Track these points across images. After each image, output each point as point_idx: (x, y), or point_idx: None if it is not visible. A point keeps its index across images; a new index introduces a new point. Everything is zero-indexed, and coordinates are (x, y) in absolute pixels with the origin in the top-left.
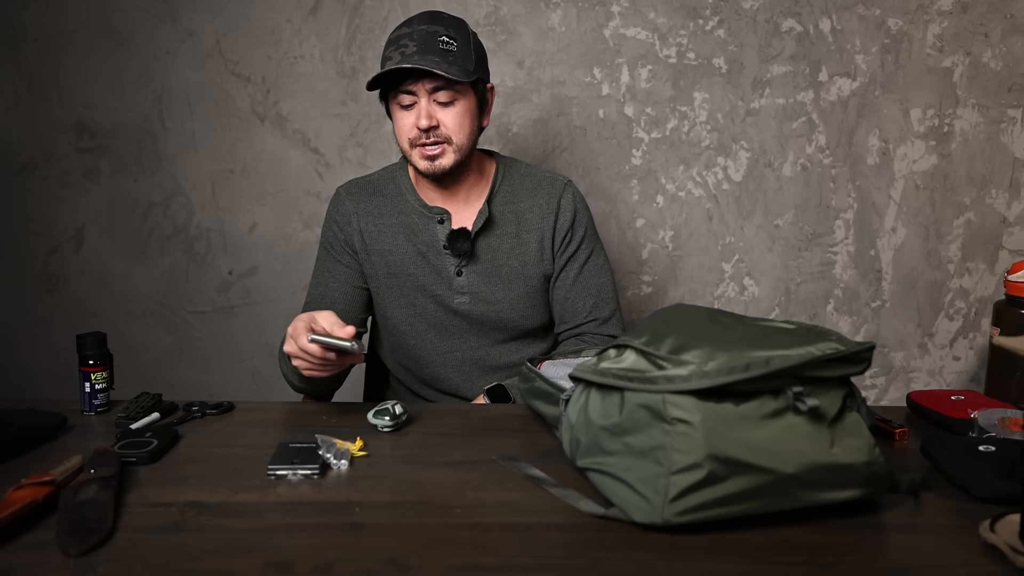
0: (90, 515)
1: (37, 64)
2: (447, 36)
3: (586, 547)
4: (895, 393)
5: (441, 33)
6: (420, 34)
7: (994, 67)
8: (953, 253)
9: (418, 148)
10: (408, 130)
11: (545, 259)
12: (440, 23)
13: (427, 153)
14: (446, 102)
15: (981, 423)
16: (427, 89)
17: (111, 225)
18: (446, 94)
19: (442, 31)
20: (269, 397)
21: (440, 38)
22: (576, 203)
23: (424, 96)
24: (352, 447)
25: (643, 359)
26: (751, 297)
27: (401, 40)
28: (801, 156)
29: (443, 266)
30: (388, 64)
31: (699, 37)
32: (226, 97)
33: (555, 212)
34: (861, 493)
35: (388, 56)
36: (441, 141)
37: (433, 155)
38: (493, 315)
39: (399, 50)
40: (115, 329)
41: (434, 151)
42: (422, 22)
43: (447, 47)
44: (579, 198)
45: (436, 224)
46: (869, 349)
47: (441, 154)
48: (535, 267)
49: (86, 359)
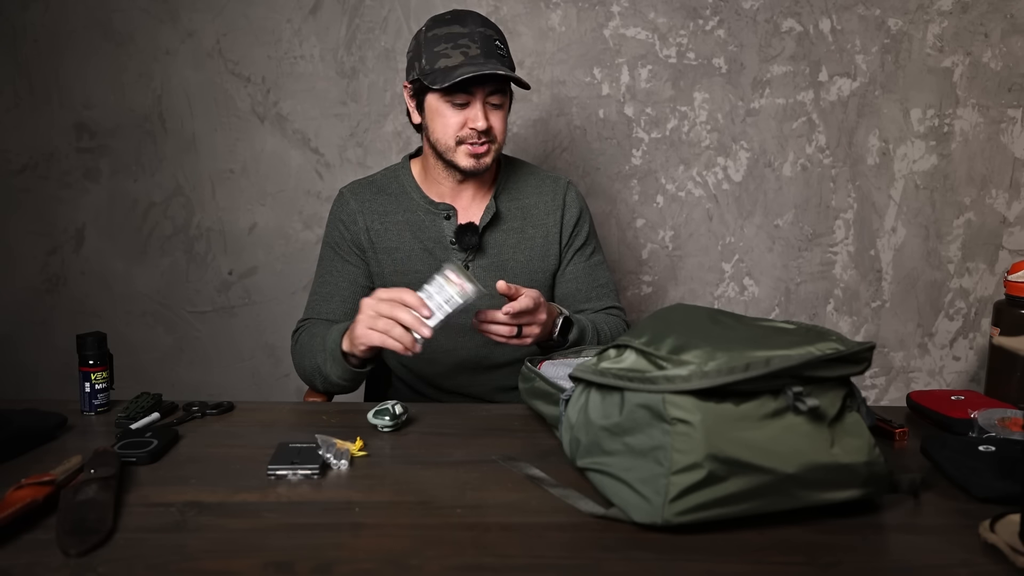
0: (90, 515)
1: (37, 64)
2: (499, 41)
3: (586, 547)
4: (895, 393)
5: (495, 37)
6: (480, 36)
7: (994, 67)
8: (953, 253)
9: (466, 146)
10: (458, 128)
11: (549, 254)
12: (490, 27)
13: (475, 151)
14: (497, 105)
15: (981, 423)
16: (485, 92)
17: (111, 225)
18: (499, 98)
19: (495, 36)
20: (269, 397)
21: (495, 42)
22: (580, 201)
23: (481, 98)
24: (352, 447)
25: (643, 359)
26: (751, 297)
27: (459, 39)
28: (801, 156)
29: (450, 261)
30: (446, 61)
31: (699, 37)
32: (226, 97)
33: (561, 208)
34: (861, 493)
35: (445, 53)
36: (488, 141)
37: (480, 154)
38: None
39: (459, 49)
40: (115, 329)
41: (482, 150)
42: (476, 24)
43: (502, 52)
44: (581, 197)
45: (443, 220)
46: (869, 349)
47: (486, 153)
48: (540, 262)
49: (86, 359)
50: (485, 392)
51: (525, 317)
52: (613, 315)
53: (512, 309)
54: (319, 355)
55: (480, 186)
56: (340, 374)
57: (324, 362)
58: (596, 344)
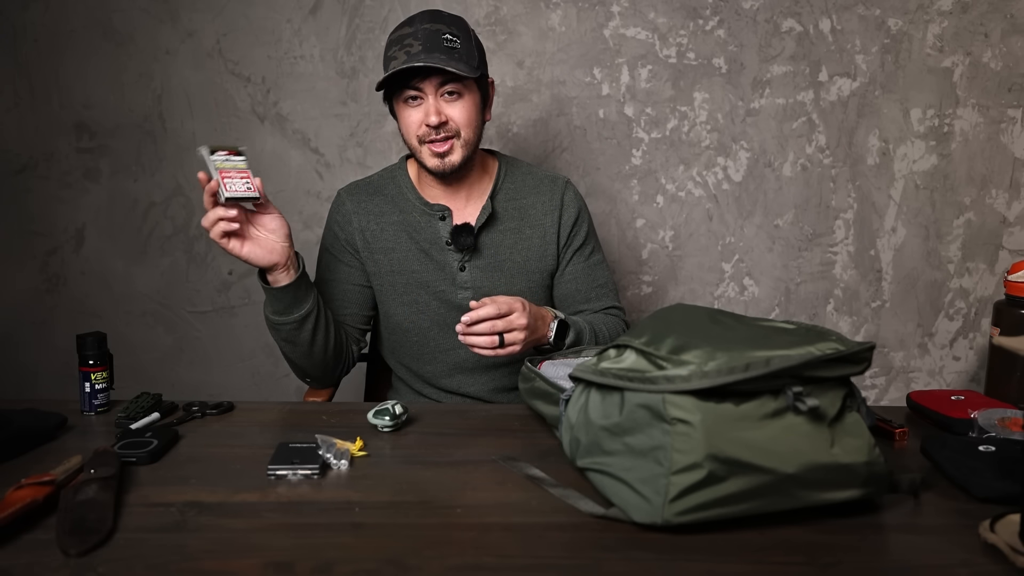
0: (90, 515)
1: (37, 64)
2: (450, 34)
3: (586, 547)
4: (895, 393)
5: (444, 31)
6: (424, 32)
7: (994, 67)
8: (953, 253)
9: (427, 145)
10: (416, 127)
11: (547, 255)
12: (442, 21)
13: (436, 150)
14: (453, 97)
15: (981, 423)
16: (435, 86)
17: (111, 225)
18: (453, 89)
19: (445, 29)
20: (269, 397)
21: (444, 36)
22: (578, 200)
23: (432, 93)
24: (352, 447)
25: (643, 359)
26: (751, 297)
27: (405, 39)
28: (801, 156)
29: (446, 262)
30: (394, 64)
31: (699, 37)
32: (226, 97)
33: (559, 208)
34: (861, 493)
35: (392, 56)
36: (450, 136)
37: (443, 152)
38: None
39: (403, 49)
40: (115, 329)
41: (443, 147)
42: (424, 21)
43: (451, 44)
44: (580, 196)
45: (438, 221)
46: (869, 349)
47: (450, 150)
48: (537, 262)
49: (86, 359)
50: (485, 392)
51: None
52: (612, 315)
53: (467, 318)
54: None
55: (475, 187)
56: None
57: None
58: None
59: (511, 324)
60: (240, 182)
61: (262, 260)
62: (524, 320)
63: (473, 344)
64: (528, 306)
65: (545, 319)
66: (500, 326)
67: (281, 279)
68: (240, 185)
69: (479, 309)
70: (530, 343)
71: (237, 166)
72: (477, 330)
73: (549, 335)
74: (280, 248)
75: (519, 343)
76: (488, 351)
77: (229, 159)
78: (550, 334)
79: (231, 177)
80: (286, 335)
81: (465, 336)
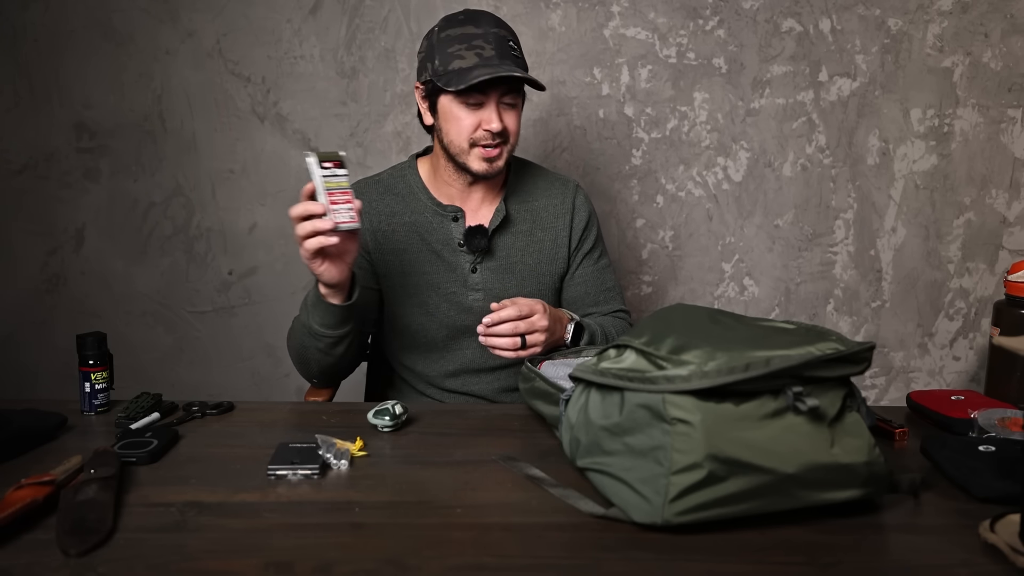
0: (90, 515)
1: (37, 64)
2: (512, 42)
3: (586, 547)
4: (895, 393)
5: (509, 38)
6: (494, 37)
7: (994, 67)
8: (953, 253)
9: (479, 148)
10: (472, 130)
11: (558, 258)
12: (503, 27)
13: (488, 155)
14: (511, 105)
15: (981, 423)
16: (499, 93)
17: (111, 225)
18: (513, 100)
19: (508, 36)
20: (269, 397)
21: (509, 43)
22: (588, 204)
23: (494, 100)
24: (352, 447)
25: (643, 359)
26: (751, 297)
27: (473, 40)
28: (801, 156)
29: (458, 263)
30: (460, 63)
31: (699, 37)
32: (226, 97)
33: (570, 212)
34: (861, 493)
35: (459, 55)
36: (502, 144)
37: (492, 157)
38: None
39: (474, 51)
40: (115, 329)
41: (494, 153)
42: (490, 24)
43: (515, 53)
44: (589, 200)
45: (450, 222)
46: (869, 349)
47: (499, 156)
48: (547, 265)
49: (86, 359)
50: (490, 392)
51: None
52: (620, 318)
53: (489, 319)
54: (303, 314)
55: (490, 188)
56: (321, 318)
57: (308, 318)
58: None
59: (533, 326)
60: (345, 209)
61: (332, 279)
62: (545, 322)
63: (494, 345)
64: (548, 308)
65: (562, 321)
66: (523, 327)
67: (331, 297)
68: (346, 214)
69: (501, 311)
70: (549, 344)
71: (341, 184)
72: (498, 331)
73: (566, 337)
74: (345, 270)
75: (540, 344)
76: (509, 352)
77: (335, 174)
78: (567, 336)
79: (338, 202)
80: (324, 346)
81: (486, 338)
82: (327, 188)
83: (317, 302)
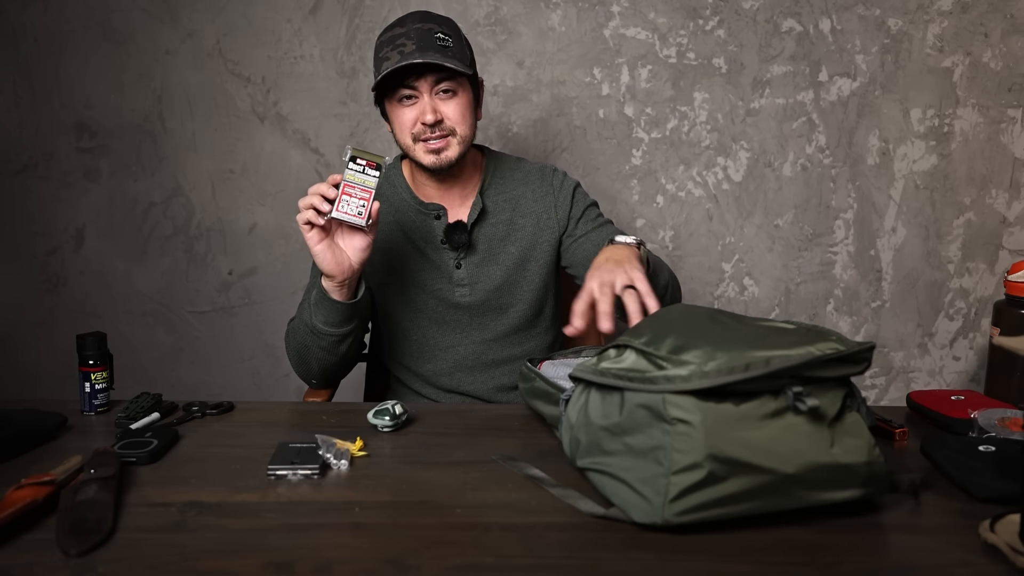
0: (90, 515)
1: (37, 64)
2: (442, 33)
3: (586, 547)
4: (895, 393)
5: (436, 30)
6: (416, 32)
7: (994, 67)
8: (953, 253)
9: (422, 143)
10: (411, 125)
11: (542, 240)
12: (433, 20)
13: (432, 147)
14: (448, 95)
15: (981, 423)
16: (430, 84)
17: (111, 225)
18: (448, 87)
19: (436, 28)
20: (269, 397)
21: (436, 35)
22: (569, 179)
23: (427, 92)
24: (352, 447)
25: (643, 359)
26: (751, 297)
27: (397, 39)
28: (801, 156)
29: (442, 261)
30: (387, 64)
31: (699, 37)
32: (226, 97)
33: (552, 191)
34: (861, 493)
35: (385, 57)
36: (446, 134)
37: (438, 148)
38: (492, 302)
39: (397, 49)
40: (115, 329)
41: (439, 144)
42: (415, 21)
43: (444, 43)
44: (568, 176)
45: (433, 220)
46: (869, 349)
47: (446, 147)
48: (532, 250)
49: (86, 359)
50: (485, 391)
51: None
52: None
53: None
54: (304, 314)
55: (466, 184)
56: (325, 316)
57: (312, 317)
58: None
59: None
60: (355, 203)
61: (326, 265)
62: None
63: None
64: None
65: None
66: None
67: (334, 292)
68: (353, 207)
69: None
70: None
71: (365, 183)
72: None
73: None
74: (348, 266)
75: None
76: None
77: (365, 172)
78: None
79: (349, 195)
80: (328, 345)
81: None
82: (346, 180)
83: (321, 300)
